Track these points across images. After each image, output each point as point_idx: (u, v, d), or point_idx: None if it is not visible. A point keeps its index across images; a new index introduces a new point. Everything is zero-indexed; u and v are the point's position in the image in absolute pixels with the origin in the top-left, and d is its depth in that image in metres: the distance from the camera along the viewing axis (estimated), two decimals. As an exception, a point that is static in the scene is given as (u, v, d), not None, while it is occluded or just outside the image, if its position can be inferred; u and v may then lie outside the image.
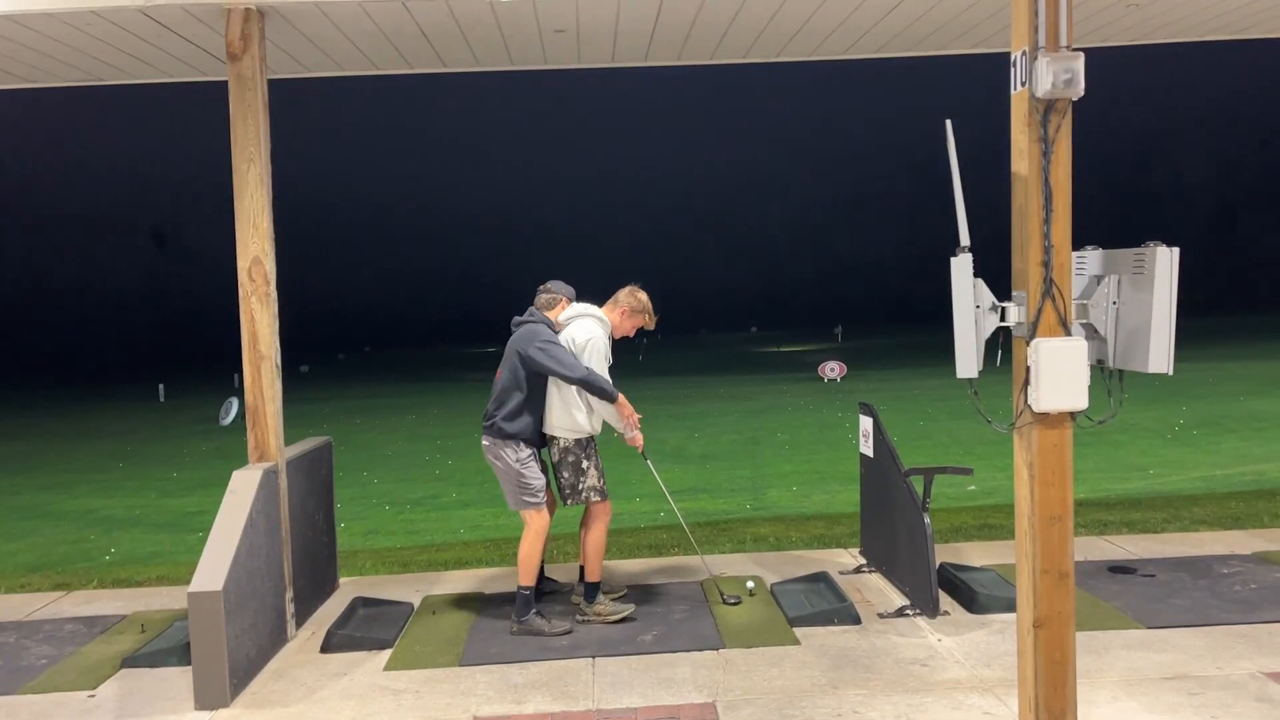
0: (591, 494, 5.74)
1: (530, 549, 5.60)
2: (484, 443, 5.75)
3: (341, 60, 6.44)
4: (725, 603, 5.93)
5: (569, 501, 5.81)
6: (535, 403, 5.68)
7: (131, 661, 5.33)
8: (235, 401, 24.14)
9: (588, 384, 5.53)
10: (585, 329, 5.76)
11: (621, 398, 5.67)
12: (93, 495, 14.36)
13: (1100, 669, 4.73)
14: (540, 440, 5.78)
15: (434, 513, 11.49)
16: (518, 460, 5.62)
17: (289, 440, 6.06)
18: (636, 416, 5.77)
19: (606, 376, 5.68)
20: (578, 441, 5.73)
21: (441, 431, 20.72)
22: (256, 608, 5.16)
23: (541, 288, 5.99)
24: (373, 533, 10.27)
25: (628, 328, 5.95)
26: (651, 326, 6.05)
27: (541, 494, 5.68)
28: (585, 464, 5.74)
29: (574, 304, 5.97)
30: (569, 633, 5.48)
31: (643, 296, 5.94)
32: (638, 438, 5.85)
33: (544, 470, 5.82)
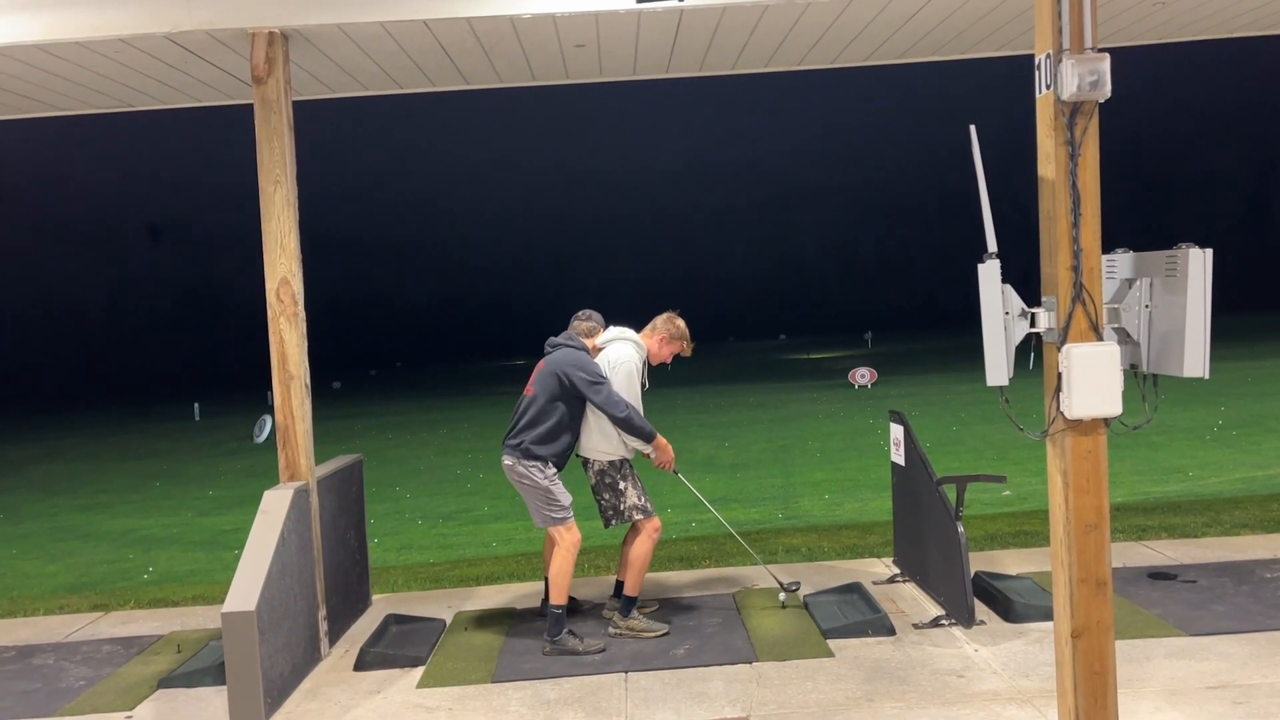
0: (634, 513, 5.72)
1: (561, 566, 5.57)
2: (506, 462, 5.72)
3: (365, 80, 6.49)
4: (787, 590, 6.05)
5: (613, 523, 5.79)
6: (569, 426, 5.66)
7: (168, 682, 5.37)
8: (269, 419, 24.37)
9: (629, 424, 5.55)
10: (620, 352, 5.78)
11: (660, 440, 5.70)
12: (131, 515, 14.54)
13: (1142, 678, 4.65)
14: (564, 462, 5.77)
15: (466, 526, 11.53)
16: (545, 478, 5.61)
17: (322, 457, 6.09)
18: (671, 455, 5.79)
19: (633, 398, 5.68)
20: (611, 463, 5.72)
21: (473, 445, 20.80)
22: (290, 627, 5.18)
23: (581, 314, 6.04)
24: (406, 548, 10.31)
25: (665, 354, 5.95)
26: (689, 354, 6.05)
27: (570, 510, 5.67)
28: (623, 484, 5.72)
29: (612, 327, 5.99)
30: (603, 650, 5.45)
31: (681, 324, 5.94)
32: (667, 463, 5.85)
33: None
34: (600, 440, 5.70)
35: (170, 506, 15.16)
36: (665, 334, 5.90)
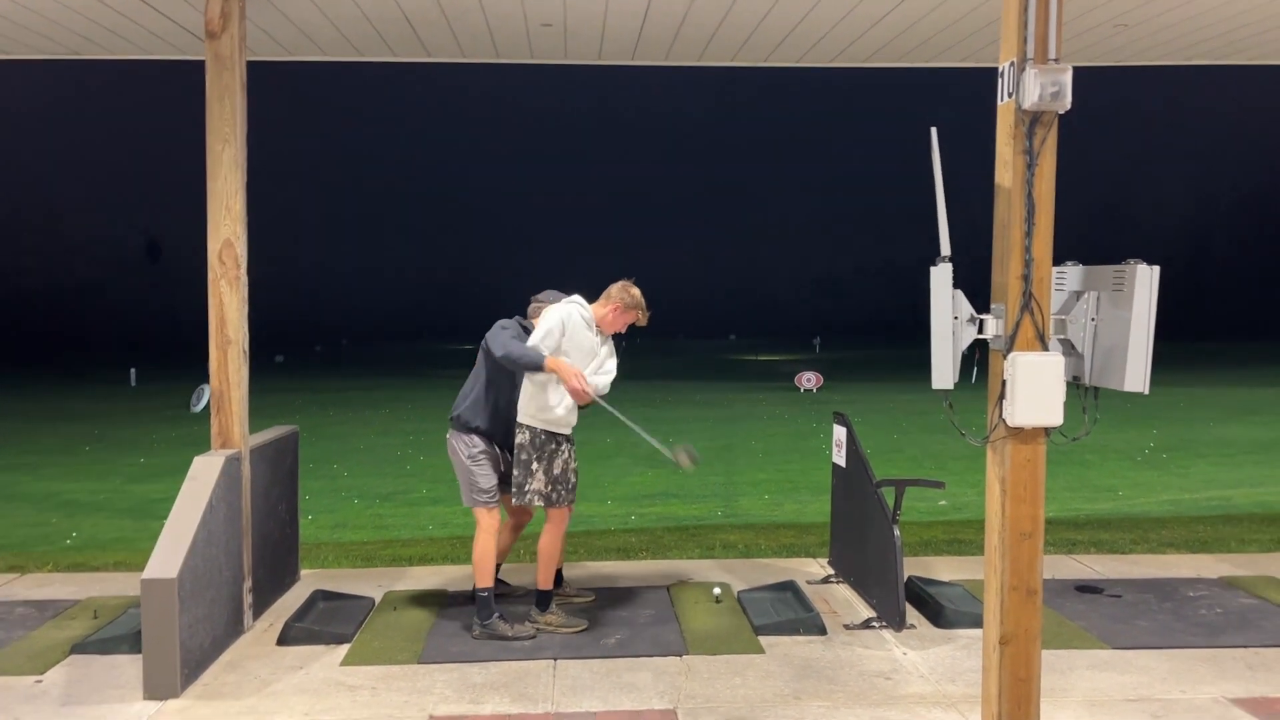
0: (534, 498, 5.47)
1: (483, 549, 5.50)
2: (448, 435, 5.73)
3: (323, 44, 6.35)
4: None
5: (515, 500, 5.56)
6: (494, 394, 5.62)
7: (81, 648, 5.21)
8: (207, 388, 23.89)
9: (509, 359, 5.34)
10: (557, 309, 5.52)
11: (550, 361, 5.31)
12: (58, 478, 14.13)
13: (1064, 688, 4.70)
14: (503, 438, 5.69)
15: (403, 508, 11.37)
16: (469, 456, 5.58)
17: (259, 429, 5.95)
18: (574, 371, 5.34)
19: (552, 349, 5.39)
20: (534, 439, 5.46)
21: (414, 427, 20.55)
22: (212, 597, 5.05)
23: (536, 297, 5.89)
24: (340, 526, 10.15)
25: (619, 324, 5.64)
26: (644, 323, 5.72)
27: (493, 492, 5.61)
28: (535, 465, 5.45)
29: (563, 297, 5.81)
30: (533, 637, 5.38)
31: (635, 292, 5.63)
32: (584, 390, 5.36)
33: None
34: (529, 404, 5.47)
35: (100, 471, 14.77)
36: (620, 302, 5.57)
